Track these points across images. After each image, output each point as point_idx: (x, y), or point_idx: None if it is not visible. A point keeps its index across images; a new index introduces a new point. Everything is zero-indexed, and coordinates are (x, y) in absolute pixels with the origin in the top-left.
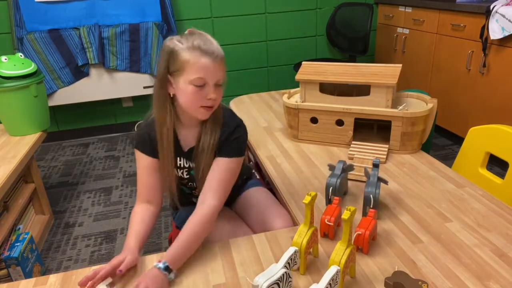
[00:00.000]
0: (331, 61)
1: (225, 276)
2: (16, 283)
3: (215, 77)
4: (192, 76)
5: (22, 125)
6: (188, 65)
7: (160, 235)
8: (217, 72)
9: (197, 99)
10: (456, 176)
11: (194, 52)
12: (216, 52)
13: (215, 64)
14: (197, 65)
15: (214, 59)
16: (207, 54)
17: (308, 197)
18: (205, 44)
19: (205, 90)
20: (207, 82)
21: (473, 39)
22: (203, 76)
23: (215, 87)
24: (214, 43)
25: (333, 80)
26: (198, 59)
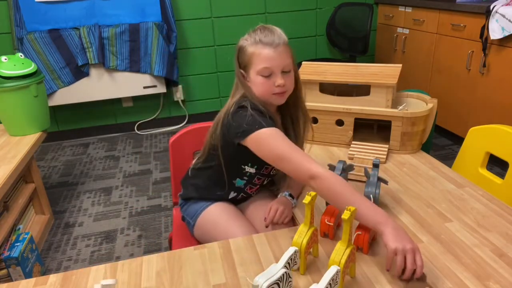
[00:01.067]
0: (331, 61)
1: (225, 276)
2: (16, 283)
3: (280, 65)
4: (258, 66)
5: (22, 125)
6: (254, 58)
7: (160, 235)
8: (281, 60)
9: (267, 87)
10: (456, 176)
11: (257, 46)
12: (277, 41)
13: (276, 53)
14: (260, 56)
15: (275, 48)
16: (268, 44)
17: (308, 197)
18: (266, 36)
19: (273, 78)
20: (273, 71)
21: (473, 39)
22: (268, 65)
23: (282, 74)
24: (275, 33)
25: (333, 80)
26: (261, 50)
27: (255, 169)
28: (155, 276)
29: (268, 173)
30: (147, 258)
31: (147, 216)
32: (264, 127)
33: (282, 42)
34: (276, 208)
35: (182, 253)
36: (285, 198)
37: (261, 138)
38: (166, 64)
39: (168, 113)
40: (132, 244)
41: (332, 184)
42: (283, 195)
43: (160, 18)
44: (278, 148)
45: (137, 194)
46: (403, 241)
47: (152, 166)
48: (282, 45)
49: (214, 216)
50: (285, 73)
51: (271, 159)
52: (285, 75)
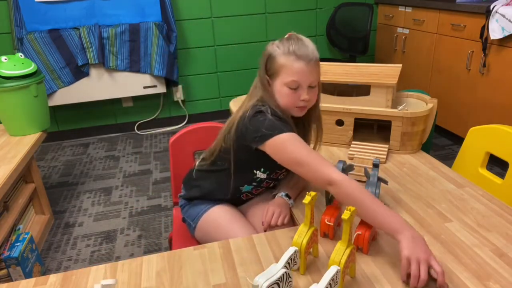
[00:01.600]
0: (331, 61)
1: (225, 276)
2: (16, 283)
3: (308, 80)
4: (287, 79)
5: (22, 125)
6: (284, 69)
7: (160, 235)
8: (311, 75)
9: (292, 99)
10: (456, 176)
11: (290, 57)
12: (310, 56)
13: (308, 68)
14: (292, 69)
15: (307, 63)
16: (301, 58)
17: (308, 197)
18: (299, 49)
19: (299, 91)
20: (301, 85)
21: (473, 39)
22: (297, 79)
23: (309, 88)
24: (309, 47)
25: (333, 80)
26: (292, 63)
27: (266, 174)
28: (155, 276)
29: (277, 177)
30: (147, 258)
31: (147, 216)
32: (283, 132)
33: (315, 57)
34: (272, 211)
35: (182, 253)
36: (281, 199)
37: (280, 143)
38: (166, 64)
39: (168, 113)
40: (132, 244)
41: (351, 191)
42: (279, 196)
43: (160, 18)
44: (297, 153)
45: (137, 194)
46: (416, 249)
47: (152, 166)
48: (314, 60)
49: (215, 218)
50: (311, 88)
51: (289, 164)
52: (311, 90)
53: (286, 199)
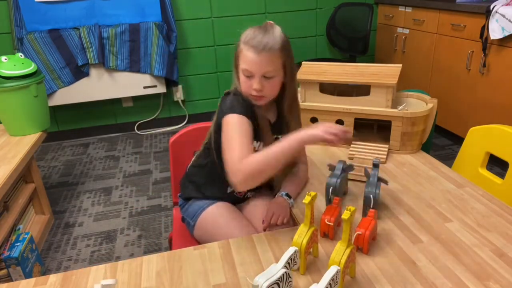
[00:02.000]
0: (331, 61)
1: (225, 276)
2: (16, 283)
3: (261, 70)
4: (242, 65)
5: (22, 125)
6: (240, 55)
7: (160, 235)
8: (263, 65)
9: (246, 87)
10: (456, 176)
11: (245, 45)
12: (262, 46)
13: (259, 58)
14: (245, 57)
15: (258, 53)
16: (252, 47)
17: (308, 197)
18: (254, 38)
19: (252, 80)
20: (253, 74)
21: (473, 39)
22: (248, 67)
23: (263, 78)
24: (267, 37)
25: (333, 80)
26: (246, 51)
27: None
28: (155, 276)
29: None
30: (147, 258)
31: (147, 216)
32: (234, 112)
33: (269, 48)
34: (272, 211)
35: (182, 253)
36: (282, 198)
37: (226, 121)
38: (166, 64)
39: (168, 113)
40: (132, 244)
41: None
42: (279, 195)
43: (160, 18)
44: (228, 135)
45: (137, 194)
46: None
47: (152, 166)
48: (267, 51)
49: (214, 216)
50: (266, 79)
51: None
52: (266, 80)
53: (286, 199)
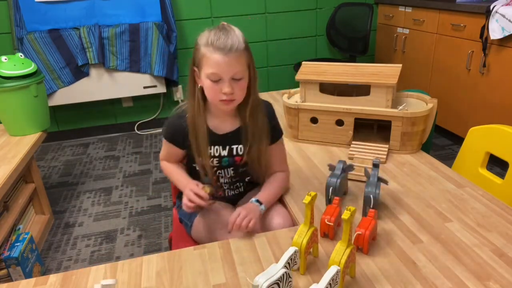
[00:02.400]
0: (331, 61)
1: (225, 276)
2: (16, 283)
3: (230, 72)
4: (207, 70)
5: (22, 125)
6: (204, 60)
7: (160, 235)
8: (232, 67)
9: (215, 93)
10: (456, 176)
11: (208, 48)
12: (229, 46)
13: (227, 59)
14: (210, 60)
15: (225, 54)
16: (219, 49)
17: (308, 197)
18: (218, 39)
19: (220, 84)
20: (222, 77)
21: (473, 39)
22: (216, 71)
23: (232, 81)
24: (230, 37)
25: (333, 80)
26: (211, 54)
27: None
28: (155, 276)
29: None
30: (147, 258)
31: (147, 216)
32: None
33: (235, 48)
34: (238, 213)
35: (182, 253)
36: (251, 204)
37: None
38: (166, 64)
39: (168, 113)
40: (132, 244)
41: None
42: (250, 202)
43: (160, 18)
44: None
45: (137, 194)
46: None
47: (152, 166)
48: (234, 51)
49: (210, 216)
50: (235, 80)
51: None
52: (235, 82)
53: (256, 204)
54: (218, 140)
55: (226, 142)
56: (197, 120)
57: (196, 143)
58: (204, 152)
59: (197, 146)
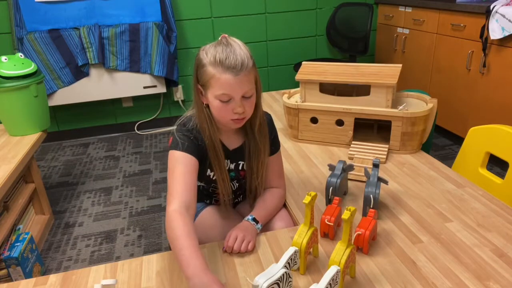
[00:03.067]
0: (331, 61)
1: (225, 276)
2: (16, 283)
3: (240, 91)
4: (217, 92)
5: (22, 125)
6: (213, 81)
7: (160, 235)
8: (242, 86)
9: (225, 113)
10: (456, 176)
11: (217, 68)
12: (240, 65)
13: (238, 79)
14: (220, 81)
15: (236, 74)
16: (229, 69)
17: (308, 197)
18: (227, 58)
19: (231, 104)
20: (233, 97)
21: (473, 39)
22: (227, 92)
23: (243, 99)
24: (239, 55)
25: (333, 80)
26: (220, 75)
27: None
28: (155, 276)
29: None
30: (147, 258)
31: (147, 216)
32: (179, 149)
33: (246, 66)
34: (235, 236)
35: None
36: (248, 223)
37: (169, 157)
38: (166, 64)
39: (168, 113)
40: (132, 244)
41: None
42: (246, 220)
43: (160, 18)
44: (169, 172)
45: (137, 194)
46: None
47: (152, 166)
48: (245, 70)
49: (210, 217)
50: (246, 98)
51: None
52: (246, 100)
53: (253, 224)
54: (228, 154)
55: (234, 157)
56: (213, 137)
57: (217, 159)
58: (224, 166)
59: (218, 160)
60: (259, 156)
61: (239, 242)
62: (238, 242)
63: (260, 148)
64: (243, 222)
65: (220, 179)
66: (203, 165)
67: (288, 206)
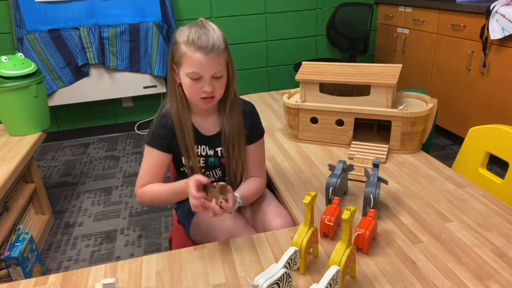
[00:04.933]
0: (331, 61)
1: (225, 276)
2: (16, 283)
3: (210, 71)
4: (188, 69)
5: (22, 125)
6: (185, 59)
7: (160, 235)
8: (212, 66)
9: (195, 91)
10: (456, 176)
11: (189, 47)
12: (211, 46)
13: (208, 59)
14: (191, 59)
15: (207, 54)
16: (200, 48)
17: (308, 197)
18: (199, 38)
19: (201, 83)
20: (202, 76)
21: (473, 39)
22: (197, 70)
23: (213, 79)
24: (211, 36)
25: (333, 80)
26: (192, 53)
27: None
28: (155, 276)
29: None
30: (147, 258)
31: (147, 216)
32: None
33: (217, 48)
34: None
35: (182, 253)
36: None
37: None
38: (166, 64)
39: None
40: (132, 244)
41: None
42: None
43: (160, 18)
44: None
45: None
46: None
47: None
48: (215, 51)
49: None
50: (216, 79)
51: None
52: (215, 81)
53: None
54: (204, 140)
55: (212, 144)
56: (182, 117)
57: (184, 142)
58: (192, 151)
59: (185, 145)
60: (234, 141)
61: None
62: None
63: (233, 134)
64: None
65: (188, 165)
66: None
67: (288, 206)
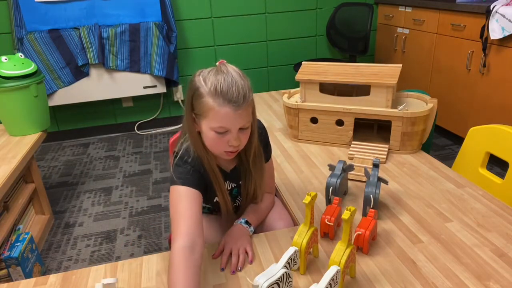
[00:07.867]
0: (331, 61)
1: (225, 276)
2: (16, 283)
3: (238, 124)
4: (213, 124)
5: (22, 125)
6: (211, 113)
7: (160, 235)
8: (240, 119)
9: (220, 144)
10: (456, 176)
11: (216, 99)
12: (241, 99)
13: (238, 112)
14: (219, 114)
15: (236, 108)
16: (230, 102)
17: (308, 197)
18: (228, 90)
19: (227, 136)
20: (229, 129)
21: (473, 39)
22: (225, 125)
23: (239, 131)
24: (240, 86)
25: (333, 80)
26: (220, 107)
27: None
28: (155, 276)
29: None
30: (147, 258)
31: (147, 216)
32: (182, 184)
33: (245, 98)
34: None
35: None
36: (240, 226)
37: (172, 192)
38: (166, 64)
39: (168, 113)
40: (132, 244)
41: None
42: (238, 223)
43: (160, 18)
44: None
45: (137, 194)
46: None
47: (152, 166)
48: (244, 103)
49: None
50: (242, 130)
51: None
52: (242, 132)
53: (245, 227)
54: (227, 176)
55: (234, 178)
56: (211, 163)
57: (218, 182)
58: (224, 189)
59: (219, 185)
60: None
61: (235, 256)
62: (234, 256)
63: (252, 174)
64: (235, 225)
65: (223, 202)
66: (210, 192)
67: (288, 206)
